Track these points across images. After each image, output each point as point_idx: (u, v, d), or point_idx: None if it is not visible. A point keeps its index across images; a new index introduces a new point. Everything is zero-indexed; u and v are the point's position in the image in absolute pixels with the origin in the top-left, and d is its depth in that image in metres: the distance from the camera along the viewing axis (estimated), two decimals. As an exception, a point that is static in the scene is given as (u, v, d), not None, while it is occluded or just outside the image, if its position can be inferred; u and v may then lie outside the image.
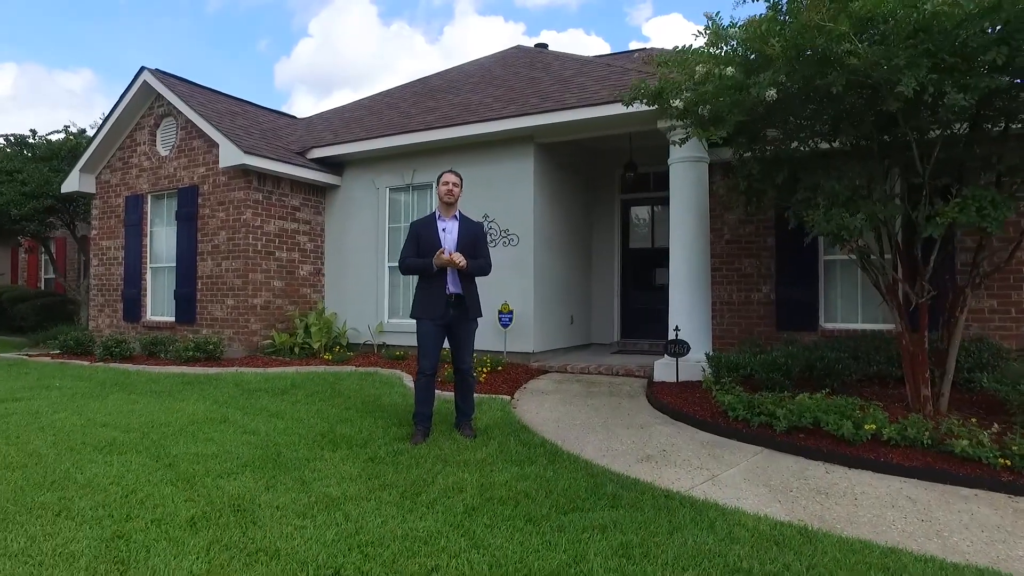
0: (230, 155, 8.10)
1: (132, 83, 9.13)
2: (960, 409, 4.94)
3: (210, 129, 8.33)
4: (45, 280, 16.15)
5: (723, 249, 7.54)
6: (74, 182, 9.94)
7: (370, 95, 11.54)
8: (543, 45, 12.12)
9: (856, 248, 4.95)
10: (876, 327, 6.86)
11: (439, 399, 5.55)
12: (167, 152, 9.26)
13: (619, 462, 4.13)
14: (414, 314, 4.54)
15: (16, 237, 13.55)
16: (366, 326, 8.80)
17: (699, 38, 4.81)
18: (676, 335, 6.34)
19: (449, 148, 8.26)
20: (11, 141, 12.48)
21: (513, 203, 7.88)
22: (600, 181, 9.57)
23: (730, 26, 4.54)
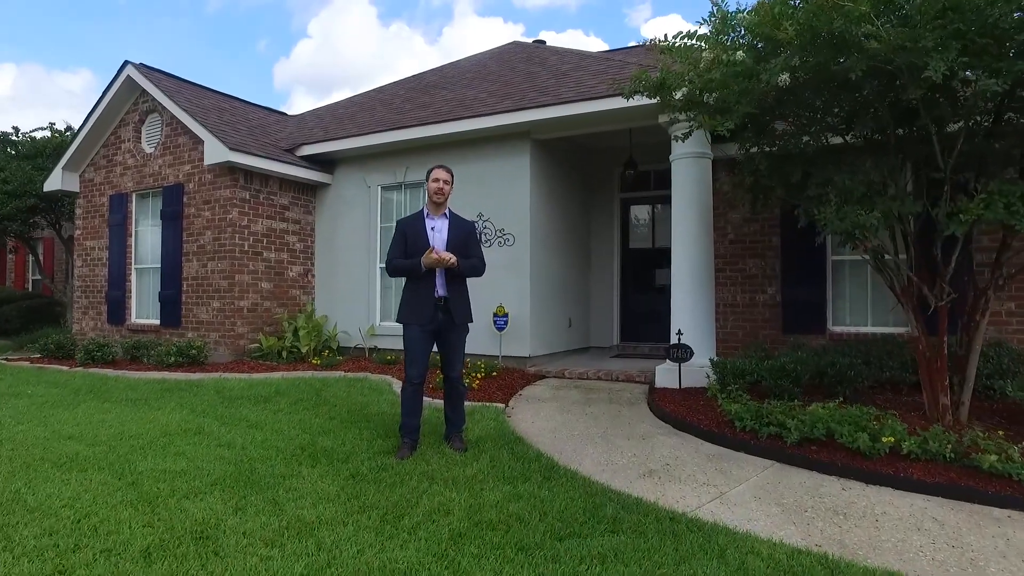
0: (215, 152, 7.81)
1: (115, 78, 8.83)
2: (981, 419, 4.67)
3: (195, 125, 8.04)
4: (32, 281, 15.83)
5: (727, 249, 7.26)
6: (57, 180, 9.64)
7: (363, 92, 11.26)
8: (541, 42, 11.83)
9: (870, 248, 4.67)
10: (887, 330, 6.58)
11: (429, 407, 5.26)
12: (152, 149, 8.96)
13: (619, 478, 3.85)
14: (401, 319, 4.25)
15: (1, 237, 13.24)
16: (357, 329, 8.50)
17: (703, 26, 4.55)
18: (679, 339, 6.06)
19: (443, 145, 7.97)
20: None
21: (509, 202, 7.59)
22: (599, 179, 9.29)
23: (737, 12, 4.26)
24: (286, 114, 11.48)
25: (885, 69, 3.53)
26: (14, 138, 12.06)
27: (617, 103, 6.42)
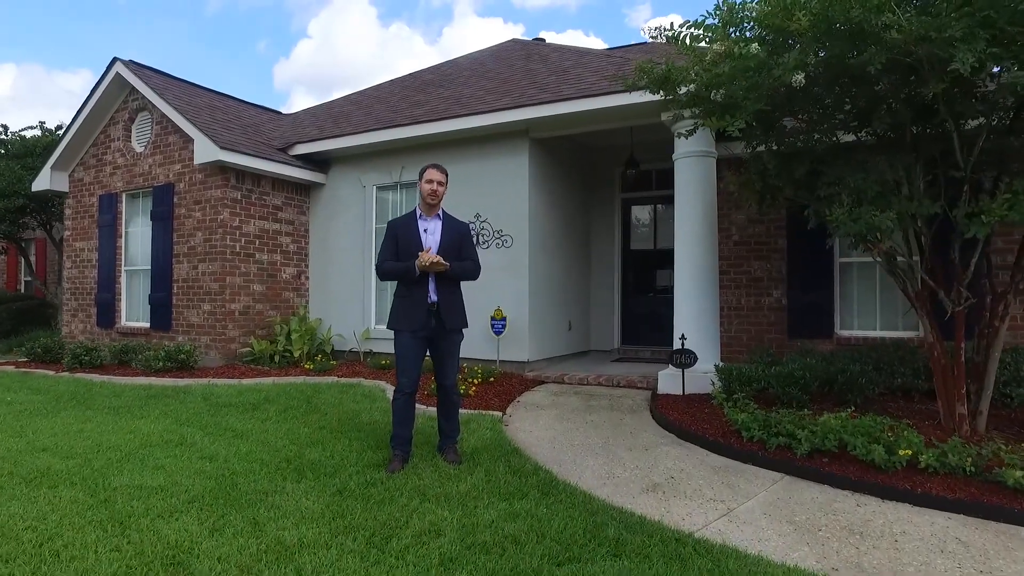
0: (205, 151, 7.60)
1: (104, 75, 8.63)
2: (999, 428, 4.46)
3: (184, 123, 7.83)
4: (25, 283, 15.61)
5: (731, 251, 7.06)
6: (45, 180, 9.42)
7: (359, 90, 11.05)
8: (540, 40, 11.62)
9: (882, 251, 4.47)
10: (896, 334, 6.39)
11: (423, 415, 5.06)
12: (142, 148, 8.75)
13: (621, 493, 3.65)
14: (392, 325, 4.05)
15: (-8, 238, 13.03)
16: (351, 332, 8.30)
17: (709, 19, 4.34)
18: (682, 344, 5.86)
19: (439, 144, 7.77)
20: None
21: (507, 202, 7.39)
22: (599, 179, 9.09)
23: (745, 2, 4.06)
24: (281, 113, 11.28)
25: (904, 62, 3.33)
26: (3, 137, 11.85)
27: (618, 100, 6.23)
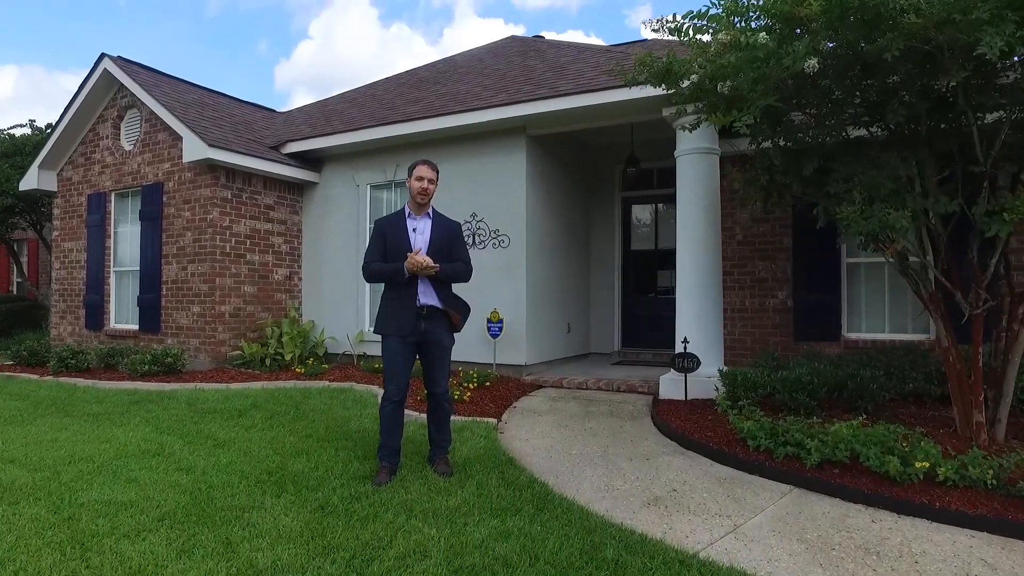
0: (194, 148, 7.40)
1: (92, 71, 8.42)
2: (1019, 438, 4.25)
3: (173, 120, 7.63)
4: (17, 284, 15.41)
5: (734, 251, 6.85)
6: (33, 179, 9.22)
7: (354, 88, 10.85)
8: (539, 37, 11.41)
9: (895, 251, 4.26)
10: (906, 337, 6.17)
11: (415, 423, 4.86)
12: (131, 147, 8.55)
13: (621, 507, 3.44)
14: (379, 329, 3.84)
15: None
16: (345, 335, 8.09)
17: (713, 9, 4.14)
18: (685, 348, 5.65)
19: (434, 141, 7.57)
20: None
21: (504, 201, 7.18)
22: (599, 177, 8.88)
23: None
24: (274, 111, 11.07)
25: (921, 50, 3.12)
26: (-8, 136, 11.67)
27: (618, 95, 6.03)
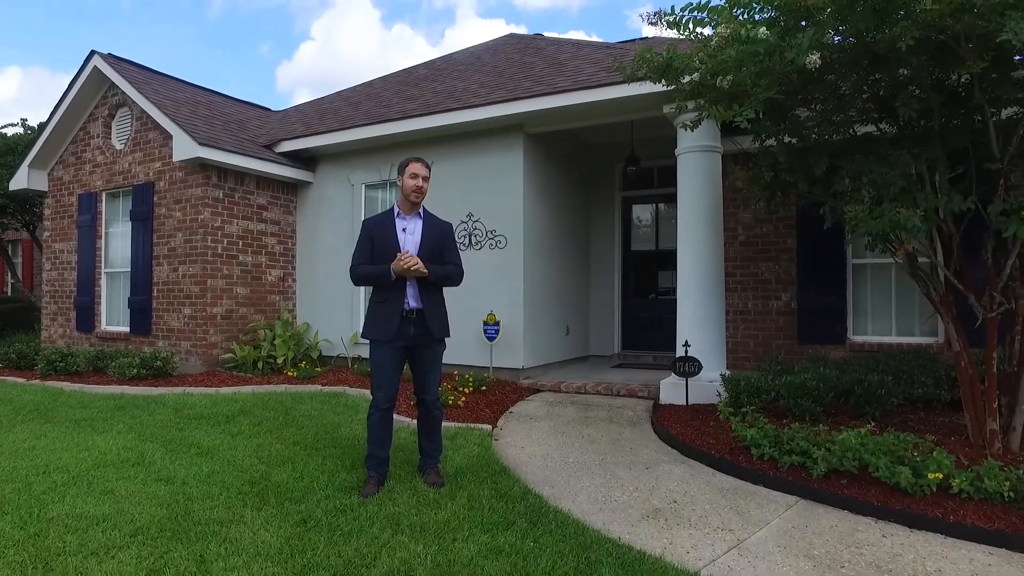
0: (184, 147, 7.24)
1: (81, 69, 8.27)
2: (1034, 446, 4.08)
3: (163, 118, 7.47)
4: (11, 285, 15.27)
5: (737, 251, 6.68)
6: (23, 179, 9.07)
7: (351, 86, 10.69)
8: (539, 35, 11.25)
9: (905, 252, 4.10)
10: (913, 340, 6.01)
11: (406, 429, 4.71)
12: (122, 146, 8.40)
13: (619, 520, 3.28)
14: (366, 334, 3.68)
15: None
16: (339, 337, 7.94)
17: (713, 1, 3.98)
18: (686, 351, 5.48)
19: (430, 140, 7.41)
20: None
21: (501, 200, 7.02)
22: (598, 177, 8.71)
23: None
24: (269, 109, 10.92)
25: (936, 39, 2.96)
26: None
27: (617, 91, 5.87)
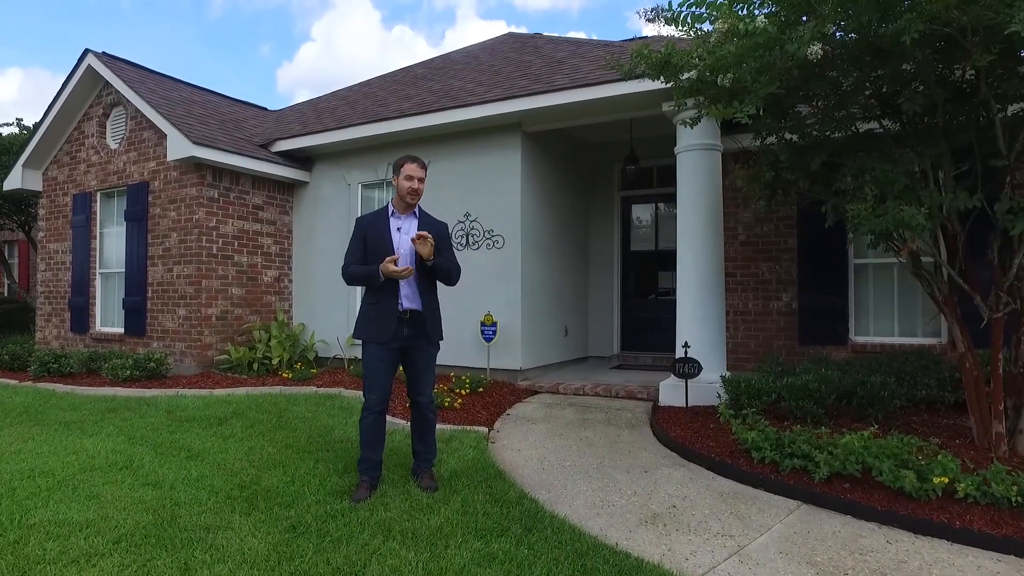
0: (178, 146, 7.17)
1: (76, 68, 8.20)
2: (1040, 449, 4.00)
3: (157, 117, 7.40)
4: (7, 286, 15.18)
5: (737, 251, 6.60)
6: (17, 179, 8.99)
7: (348, 86, 10.62)
8: (537, 33, 11.18)
9: (909, 251, 4.02)
10: (916, 341, 5.93)
11: (400, 431, 4.63)
12: (117, 145, 8.33)
13: (616, 525, 3.20)
14: (358, 335, 3.60)
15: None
16: (336, 338, 7.86)
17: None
18: (685, 352, 5.40)
19: (427, 139, 7.33)
20: None
21: (498, 200, 6.94)
22: (597, 176, 8.64)
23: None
24: (266, 109, 10.85)
25: (941, 32, 2.88)
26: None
27: (615, 89, 5.79)
